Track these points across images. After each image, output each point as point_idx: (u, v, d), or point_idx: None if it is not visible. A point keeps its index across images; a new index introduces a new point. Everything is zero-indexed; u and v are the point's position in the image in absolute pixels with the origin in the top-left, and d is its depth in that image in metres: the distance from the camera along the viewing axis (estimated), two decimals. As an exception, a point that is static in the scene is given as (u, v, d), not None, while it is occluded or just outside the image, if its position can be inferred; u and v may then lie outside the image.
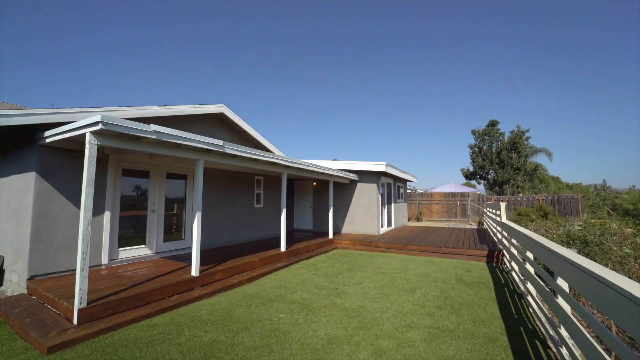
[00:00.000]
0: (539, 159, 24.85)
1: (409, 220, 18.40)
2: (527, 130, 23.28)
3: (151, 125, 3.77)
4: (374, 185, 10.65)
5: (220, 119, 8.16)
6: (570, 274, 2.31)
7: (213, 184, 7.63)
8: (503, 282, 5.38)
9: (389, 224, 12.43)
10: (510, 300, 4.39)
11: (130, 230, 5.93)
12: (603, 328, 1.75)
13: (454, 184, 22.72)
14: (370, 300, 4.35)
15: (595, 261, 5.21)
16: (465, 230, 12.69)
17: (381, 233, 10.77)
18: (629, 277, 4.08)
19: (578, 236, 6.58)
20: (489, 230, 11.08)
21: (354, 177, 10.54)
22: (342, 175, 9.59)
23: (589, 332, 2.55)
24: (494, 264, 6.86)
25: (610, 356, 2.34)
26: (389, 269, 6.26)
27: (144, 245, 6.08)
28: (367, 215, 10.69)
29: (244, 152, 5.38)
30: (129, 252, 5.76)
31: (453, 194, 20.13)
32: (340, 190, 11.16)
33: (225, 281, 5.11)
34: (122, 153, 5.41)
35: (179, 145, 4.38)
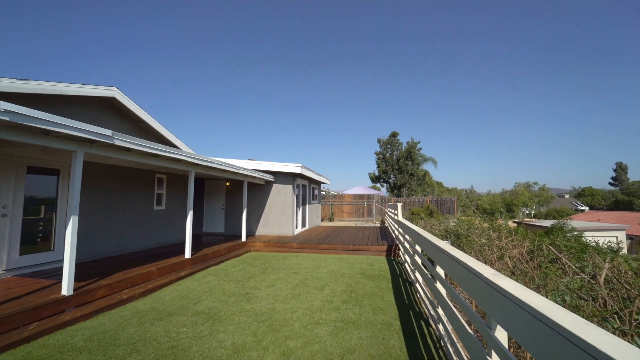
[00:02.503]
0: (428, 166, 29.62)
1: (322, 220, 19.27)
2: (419, 142, 27.50)
3: (1, 102, 2.89)
4: (290, 187, 10.76)
5: (113, 105, 6.92)
6: (445, 262, 2.77)
7: (99, 181, 6.39)
8: (398, 273, 6.13)
9: (304, 225, 12.75)
10: (403, 289, 5.03)
11: (-36, 242, 4.42)
12: (465, 303, 2.15)
13: (362, 187, 24.94)
14: (281, 302, 4.33)
15: (464, 251, 6.45)
16: (371, 228, 14.04)
17: (295, 234, 10.94)
18: (485, 261, 5.19)
19: (453, 231, 8.05)
20: (389, 228, 12.53)
21: (269, 178, 10.42)
22: (257, 175, 9.35)
23: (457, 310, 3.13)
24: (392, 258, 7.78)
25: (470, 328, 2.90)
26: (301, 269, 6.39)
27: (-14, 261, 4.62)
28: (282, 216, 10.70)
29: (141, 145, 4.66)
30: (-40, 272, 4.28)
31: (361, 196, 22.05)
32: (255, 191, 10.87)
33: (111, 298, 4.31)
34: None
35: (46, 132, 3.49)
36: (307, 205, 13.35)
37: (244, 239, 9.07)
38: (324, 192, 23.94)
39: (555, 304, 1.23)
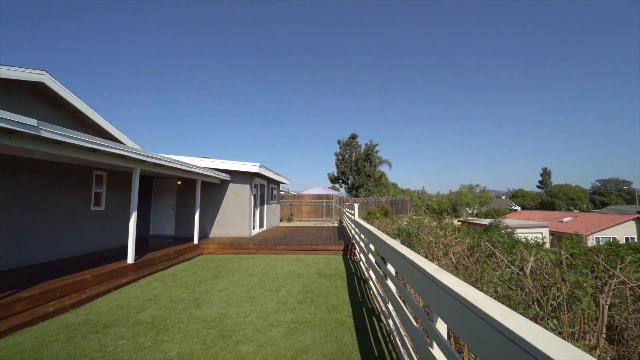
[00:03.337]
0: (384, 168, 30.96)
1: (280, 221, 19.07)
2: (377, 144, 28.61)
3: None
4: (247, 186, 10.46)
5: (43, 92, 6.09)
6: (394, 259, 2.90)
7: (22, 178, 5.57)
8: (354, 271, 6.29)
9: (261, 226, 12.49)
10: (357, 287, 5.16)
11: None
12: (411, 298, 2.27)
13: (322, 187, 25.23)
14: (234, 306, 4.17)
15: (414, 248, 6.84)
16: (329, 228, 14.24)
17: (252, 235, 10.67)
18: (432, 258, 5.56)
19: (405, 229, 8.50)
20: (346, 227, 12.82)
21: (225, 177, 10.02)
22: (211, 174, 8.93)
23: (405, 305, 3.29)
24: (348, 257, 7.97)
25: (416, 322, 3.07)
26: (257, 271, 6.23)
27: None
28: (238, 217, 10.36)
29: (74, 138, 4.15)
30: None
31: (320, 196, 22.28)
32: (210, 190, 10.37)
33: (33, 311, 3.77)
34: None
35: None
36: (266, 206, 13.10)
37: (196, 241, 8.59)
38: (283, 192, 23.73)
39: (486, 295, 1.34)
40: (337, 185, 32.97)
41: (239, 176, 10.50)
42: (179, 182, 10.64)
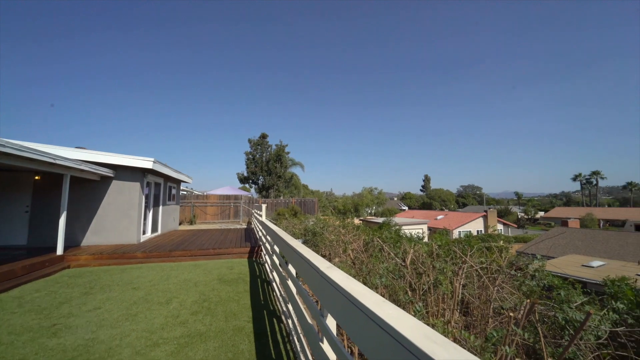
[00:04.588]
0: (296, 170, 31.60)
1: (180, 224, 17.21)
2: (287, 145, 28.95)
3: None
4: (137, 185, 9.00)
5: None
6: (294, 259, 2.92)
7: None
8: (258, 274, 6.13)
9: (155, 230, 10.95)
10: (261, 290, 5.04)
11: None
12: (306, 295, 2.31)
13: (230, 187, 23.94)
14: (108, 327, 3.47)
15: (319, 247, 7.13)
16: (236, 230, 13.58)
17: (142, 241, 9.23)
18: (334, 255, 5.90)
19: (311, 229, 8.80)
20: (254, 229, 12.48)
21: (107, 172, 8.37)
22: (87, 169, 7.32)
23: (303, 304, 3.37)
24: (254, 259, 7.74)
25: (312, 320, 3.17)
26: (144, 283, 5.39)
27: None
28: (124, 220, 8.80)
29: None
30: None
31: (228, 197, 21.10)
32: (84, 188, 8.49)
33: None
34: None
35: None
36: (161, 207, 11.56)
37: (60, 251, 6.86)
38: (185, 192, 21.48)
39: (367, 288, 1.45)
40: (247, 186, 31.90)
41: (126, 172, 8.93)
42: (36, 177, 8.34)
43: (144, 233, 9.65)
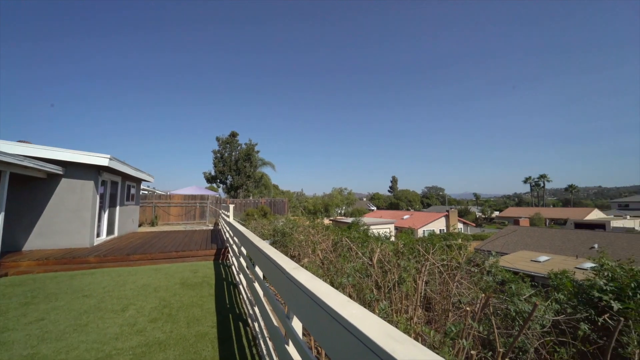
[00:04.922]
0: (267, 170, 31.10)
1: (140, 225, 16.18)
2: (257, 144, 28.39)
3: None
4: (90, 183, 8.31)
5: None
6: (261, 261, 2.85)
7: None
8: (224, 276, 5.92)
9: (111, 232, 10.17)
10: (227, 293, 4.87)
11: None
12: (273, 298, 2.26)
13: (196, 187, 22.94)
14: (52, 341, 3.15)
15: (288, 247, 7.06)
16: (202, 231, 13.04)
17: (96, 244, 8.53)
18: (303, 255, 5.87)
19: (280, 230, 8.69)
20: (221, 230, 12.07)
21: (55, 169, 7.62)
22: (31, 165, 6.60)
23: (269, 307, 3.31)
24: (220, 261, 7.48)
25: (279, 323, 3.12)
26: (96, 289, 4.97)
27: None
28: (75, 222, 8.07)
29: None
30: None
31: (193, 197, 20.21)
32: (28, 186, 7.66)
33: None
34: None
35: None
36: (119, 207, 10.77)
37: (-4, 257, 6.12)
38: (146, 192, 20.24)
39: (332, 288, 1.44)
40: (214, 185, 30.80)
41: (78, 169, 8.20)
42: (-33, 175, 7.36)
43: (98, 236, 8.93)
